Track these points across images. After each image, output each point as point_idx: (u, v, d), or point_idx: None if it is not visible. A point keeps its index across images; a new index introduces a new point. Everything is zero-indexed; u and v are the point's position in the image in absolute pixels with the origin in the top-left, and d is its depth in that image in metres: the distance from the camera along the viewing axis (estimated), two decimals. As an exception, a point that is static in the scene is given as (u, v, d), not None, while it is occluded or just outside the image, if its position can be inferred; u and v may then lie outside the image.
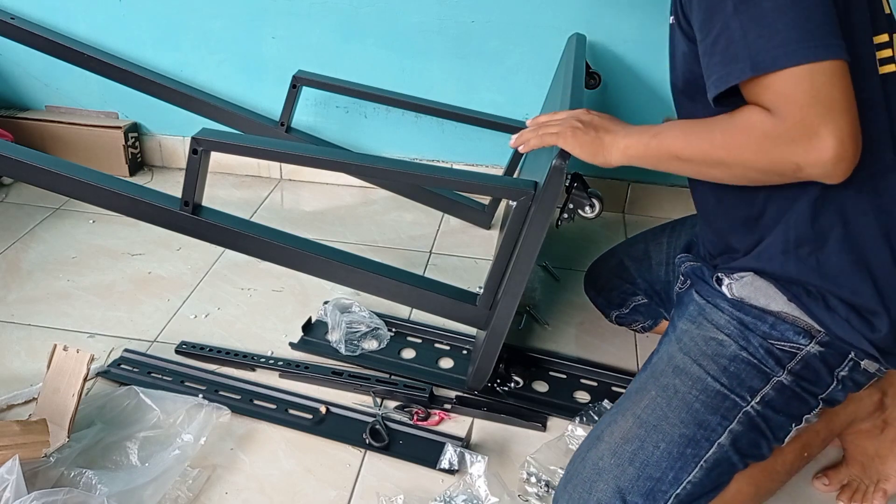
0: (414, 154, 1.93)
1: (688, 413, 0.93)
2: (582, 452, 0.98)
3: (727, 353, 0.96)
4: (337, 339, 1.36)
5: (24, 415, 1.16)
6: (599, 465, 0.94)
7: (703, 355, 0.97)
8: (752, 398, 0.94)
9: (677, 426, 0.93)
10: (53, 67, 1.89)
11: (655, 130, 0.93)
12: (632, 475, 0.92)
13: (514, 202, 1.07)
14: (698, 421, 0.93)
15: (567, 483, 0.96)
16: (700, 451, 0.92)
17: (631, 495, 0.91)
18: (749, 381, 0.94)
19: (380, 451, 1.15)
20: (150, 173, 2.01)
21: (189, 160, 1.13)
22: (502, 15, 1.71)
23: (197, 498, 1.06)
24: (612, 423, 0.98)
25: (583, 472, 0.95)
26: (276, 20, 1.80)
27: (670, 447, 0.92)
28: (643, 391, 0.98)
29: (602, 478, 0.93)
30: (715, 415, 0.93)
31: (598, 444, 0.96)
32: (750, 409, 0.94)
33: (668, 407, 0.95)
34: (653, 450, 0.92)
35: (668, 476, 0.91)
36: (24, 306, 1.45)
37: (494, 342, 1.15)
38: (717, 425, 0.93)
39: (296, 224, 1.79)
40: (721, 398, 0.94)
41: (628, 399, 0.99)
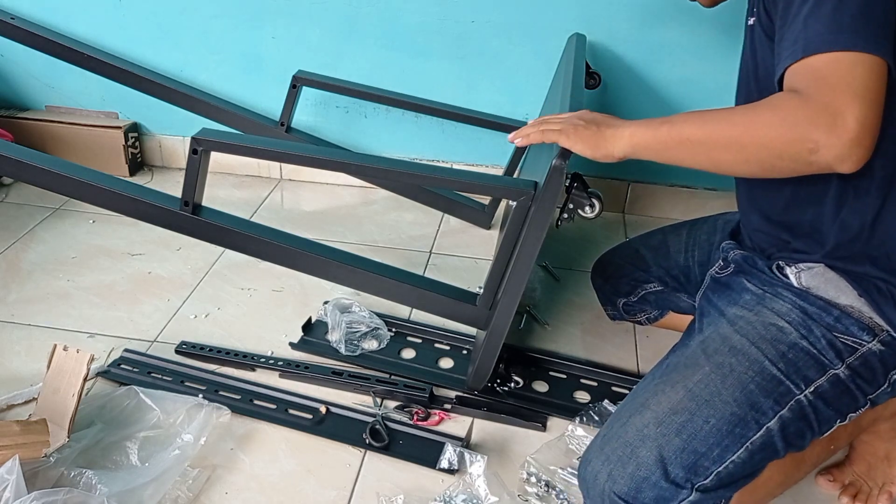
0: (414, 154, 1.93)
1: (742, 393, 0.92)
2: (622, 417, 0.96)
3: (787, 340, 0.95)
4: (337, 339, 1.36)
5: (24, 415, 1.16)
6: (644, 431, 0.92)
7: (762, 339, 0.96)
8: (806, 387, 0.93)
9: (729, 404, 0.92)
10: (53, 67, 1.89)
11: (665, 118, 0.93)
12: (677, 446, 0.90)
13: (514, 202, 1.07)
14: (751, 402, 0.92)
15: (604, 445, 0.94)
16: (748, 431, 0.91)
17: (673, 466, 0.89)
18: (806, 369, 0.94)
19: (380, 452, 1.15)
20: (150, 173, 2.01)
21: (189, 160, 1.13)
22: (502, 15, 1.71)
23: (197, 498, 1.06)
24: (658, 392, 0.96)
25: (624, 435, 0.93)
26: (276, 20, 1.80)
27: (720, 423, 0.91)
28: (695, 366, 0.97)
29: (645, 444, 0.91)
30: (768, 398, 0.92)
31: (642, 412, 0.94)
32: (803, 398, 0.93)
33: (722, 384, 0.93)
34: (702, 424, 0.91)
35: (714, 452, 0.90)
36: (24, 306, 1.45)
37: (494, 342, 1.15)
38: (768, 409, 0.92)
39: (296, 224, 1.79)
40: (776, 383, 0.93)
41: (676, 371, 0.98)
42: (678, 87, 1.72)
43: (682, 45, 1.67)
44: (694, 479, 0.89)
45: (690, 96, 1.72)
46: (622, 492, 0.89)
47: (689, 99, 1.72)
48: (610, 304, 1.41)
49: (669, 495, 0.89)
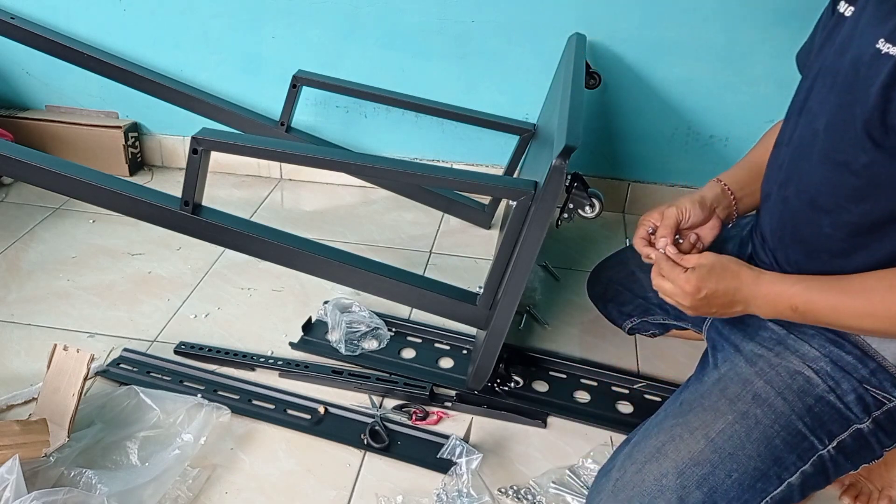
0: (414, 154, 1.93)
1: (766, 447, 0.91)
2: (636, 461, 0.93)
3: (814, 393, 0.92)
4: (337, 339, 1.36)
5: (24, 415, 1.16)
6: (663, 482, 0.90)
7: (788, 389, 0.93)
8: (830, 442, 0.92)
9: (753, 458, 0.90)
10: (53, 67, 1.89)
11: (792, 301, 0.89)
12: (697, 499, 0.89)
13: (514, 202, 1.07)
14: (775, 457, 0.90)
15: (618, 492, 0.92)
16: (769, 486, 0.90)
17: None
18: (830, 424, 0.92)
19: (379, 453, 1.15)
20: (150, 173, 2.01)
21: (189, 160, 1.13)
22: (502, 15, 1.71)
23: (197, 498, 1.06)
24: (676, 438, 0.93)
25: (640, 484, 0.91)
26: (276, 20, 1.80)
27: (742, 478, 0.89)
28: (716, 412, 0.94)
29: (664, 496, 0.89)
30: (792, 454, 0.91)
31: (659, 459, 0.92)
32: (825, 453, 0.92)
33: (746, 437, 0.91)
34: (724, 478, 0.89)
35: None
36: (24, 306, 1.45)
37: (494, 342, 1.15)
38: (791, 464, 0.91)
39: (296, 224, 1.79)
40: (801, 438, 0.91)
41: (693, 414, 0.95)
42: (678, 87, 1.72)
43: (682, 45, 1.67)
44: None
45: (690, 96, 1.72)
46: None
47: (689, 99, 1.72)
48: (613, 322, 1.38)
49: None
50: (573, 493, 1.08)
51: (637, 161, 1.85)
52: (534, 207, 1.04)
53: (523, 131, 1.70)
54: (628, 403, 1.27)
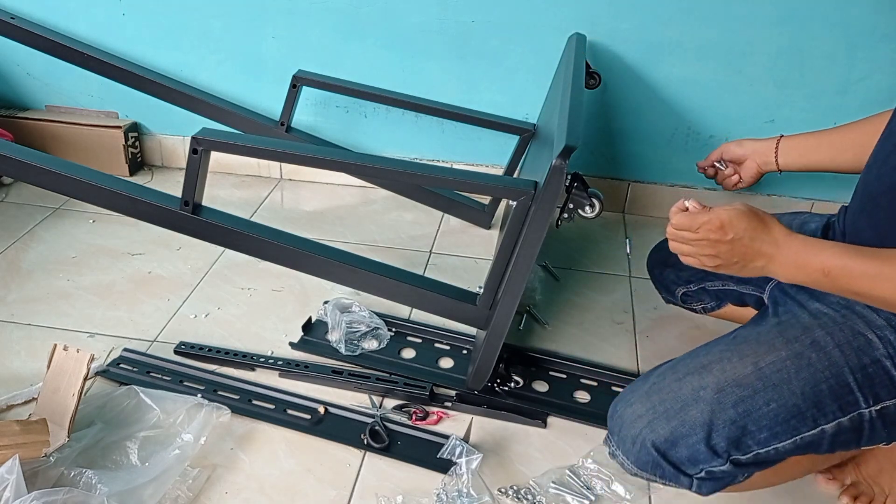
0: (414, 154, 1.93)
1: (812, 389, 0.92)
2: (678, 372, 0.96)
3: (872, 354, 0.93)
4: (337, 339, 1.36)
5: (24, 415, 1.16)
6: (700, 394, 0.93)
7: (847, 344, 0.94)
8: (874, 403, 0.93)
9: (796, 395, 0.92)
10: (53, 67, 1.89)
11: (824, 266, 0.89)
12: (729, 417, 0.91)
13: (514, 202, 1.07)
14: (817, 401, 0.92)
15: (652, 394, 0.95)
16: (802, 427, 0.92)
17: (718, 434, 0.90)
18: (879, 387, 0.93)
19: (379, 453, 1.15)
20: (150, 173, 2.01)
21: (189, 160, 1.14)
22: (502, 15, 1.71)
23: (197, 498, 1.06)
24: (724, 359, 0.96)
25: (678, 391, 0.94)
26: (276, 20, 1.80)
27: (779, 410, 0.91)
28: (770, 346, 0.96)
29: (698, 406, 0.92)
30: (834, 403, 0.92)
31: (703, 374, 0.94)
32: (866, 412, 0.93)
33: (795, 375, 0.93)
34: (762, 405, 0.91)
35: (762, 435, 0.91)
36: (24, 306, 1.45)
37: (494, 342, 1.15)
38: (830, 413, 0.92)
39: (296, 224, 1.79)
40: (848, 391, 0.92)
41: (747, 345, 0.97)
42: (678, 87, 1.72)
43: (682, 45, 1.67)
44: (732, 452, 0.90)
45: (690, 96, 1.72)
46: (658, 442, 0.92)
47: (689, 99, 1.72)
48: (666, 291, 1.39)
49: (703, 459, 0.91)
50: (573, 493, 1.08)
51: (637, 161, 1.85)
52: (534, 207, 1.04)
53: (523, 131, 1.70)
54: (628, 403, 1.27)
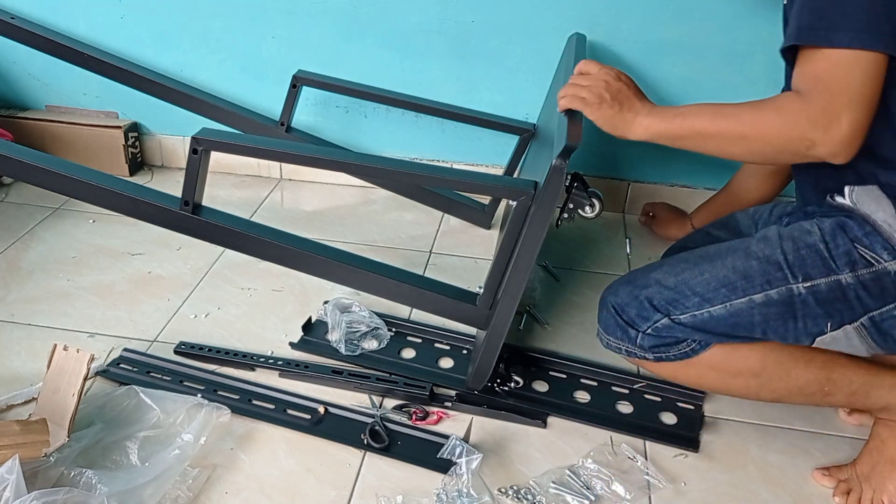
0: (414, 154, 1.93)
1: (742, 264, 1.06)
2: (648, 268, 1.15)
3: (808, 241, 1.05)
4: (337, 339, 1.36)
5: (24, 415, 1.16)
6: (654, 274, 1.11)
7: (788, 236, 1.07)
8: (803, 281, 1.03)
9: (727, 269, 1.06)
10: (53, 67, 1.89)
11: (678, 111, 1.04)
12: (670, 284, 1.08)
13: (514, 202, 1.07)
14: (746, 274, 1.05)
15: (623, 277, 1.16)
16: (732, 295, 1.05)
17: (658, 298, 1.08)
18: (811, 268, 1.03)
19: (379, 453, 1.15)
20: (150, 173, 2.01)
21: (189, 160, 1.14)
22: (502, 15, 1.71)
23: (197, 498, 1.06)
24: (683, 256, 1.14)
25: (639, 271, 1.15)
26: (276, 20, 1.80)
27: (711, 280, 1.06)
28: (722, 243, 1.14)
29: (647, 277, 1.11)
30: (762, 277, 1.04)
31: (662, 263, 1.14)
32: (794, 288, 1.03)
33: (730, 254, 1.08)
34: (698, 276, 1.07)
35: (695, 299, 1.06)
36: (24, 306, 1.45)
37: (494, 342, 1.15)
38: (758, 285, 1.04)
39: (296, 224, 1.79)
40: (776, 268, 1.04)
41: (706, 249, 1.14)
42: (678, 87, 1.72)
43: (682, 45, 1.67)
44: (671, 312, 1.07)
45: (690, 96, 1.72)
46: (617, 304, 1.11)
47: (688, 99, 1.72)
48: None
49: (647, 315, 1.08)
50: (573, 493, 1.08)
51: (637, 161, 1.85)
52: (534, 207, 1.04)
53: (523, 131, 1.70)
54: (628, 403, 1.27)
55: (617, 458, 1.15)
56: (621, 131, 1.06)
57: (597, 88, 1.06)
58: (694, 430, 1.21)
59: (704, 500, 1.10)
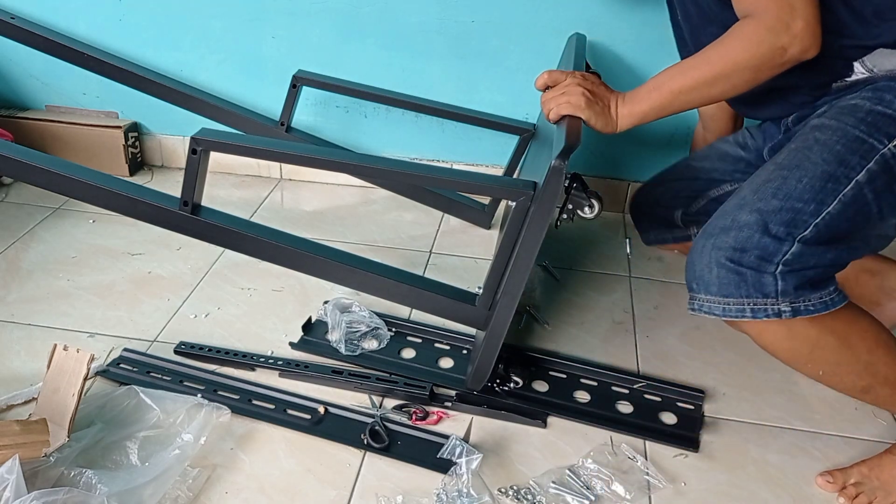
0: (414, 154, 1.93)
1: (830, 153, 1.03)
2: (721, 211, 1.05)
3: (864, 109, 1.06)
4: (337, 339, 1.36)
5: (24, 415, 1.16)
6: (741, 202, 1.02)
7: (841, 113, 1.07)
8: (889, 142, 1.03)
9: (819, 164, 1.02)
10: (53, 67, 1.89)
11: (650, 86, 1.09)
12: (775, 206, 1.00)
13: (514, 202, 1.07)
14: (840, 159, 1.02)
15: (706, 228, 1.04)
16: (840, 186, 1.00)
17: (773, 223, 0.98)
18: (886, 127, 1.03)
19: (379, 453, 1.15)
20: (150, 173, 2.01)
21: (188, 160, 1.13)
22: (502, 15, 1.71)
23: (197, 497, 1.06)
24: (748, 182, 1.08)
25: (724, 214, 1.03)
26: (276, 20, 1.80)
27: (813, 181, 1.01)
28: (780, 152, 1.09)
29: (744, 210, 1.01)
30: (854, 155, 1.02)
31: (737, 195, 1.06)
32: (887, 151, 1.02)
33: (809, 151, 1.04)
34: (795, 184, 1.01)
35: (810, 207, 0.99)
36: (24, 306, 1.45)
37: (493, 342, 1.15)
38: (856, 164, 1.02)
39: (296, 224, 1.79)
40: (860, 142, 1.03)
41: (762, 167, 1.10)
42: (678, 87, 1.72)
43: (681, 45, 1.66)
44: (795, 232, 0.98)
45: (690, 96, 1.72)
46: (728, 254, 0.98)
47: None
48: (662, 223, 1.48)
49: (774, 249, 0.97)
50: (573, 493, 1.08)
51: (637, 161, 1.85)
52: (533, 208, 1.04)
53: (523, 131, 1.70)
54: (628, 403, 1.27)
55: (617, 458, 1.16)
56: (611, 127, 1.10)
57: (577, 91, 1.09)
58: (694, 430, 1.21)
59: (704, 500, 1.10)
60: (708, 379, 1.33)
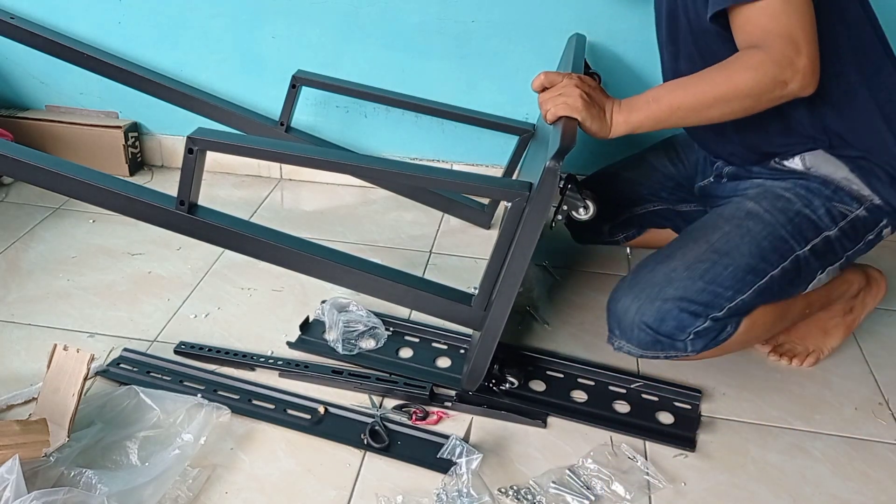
0: (414, 154, 1.93)
1: (756, 248, 1.17)
2: (648, 266, 1.20)
3: (793, 209, 1.19)
4: (334, 338, 1.36)
5: (24, 415, 1.17)
6: (672, 275, 1.16)
7: (773, 207, 1.20)
8: (806, 245, 1.18)
9: (745, 257, 1.16)
10: (53, 67, 1.89)
11: (649, 97, 1.10)
12: (699, 287, 1.14)
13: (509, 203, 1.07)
14: (763, 256, 1.16)
15: (633, 286, 1.18)
16: (757, 278, 1.16)
17: (693, 302, 1.14)
18: (806, 232, 1.18)
19: (379, 453, 1.15)
20: (150, 173, 2.01)
21: (184, 159, 1.13)
22: (502, 15, 1.71)
23: (197, 497, 1.06)
24: (683, 247, 1.20)
25: (652, 279, 1.17)
26: (276, 20, 1.80)
27: (736, 272, 1.15)
28: (716, 228, 1.21)
29: (673, 285, 1.15)
30: (775, 253, 1.17)
31: (669, 261, 1.18)
32: (801, 254, 1.18)
33: (740, 241, 1.17)
34: (721, 270, 1.15)
35: (728, 293, 1.15)
36: (24, 306, 1.45)
37: (489, 343, 1.15)
38: (774, 261, 1.17)
39: (296, 224, 1.79)
40: (783, 242, 1.17)
41: (697, 232, 1.23)
42: (678, 87, 1.71)
43: (681, 45, 1.66)
44: (709, 311, 1.14)
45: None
46: (649, 322, 1.14)
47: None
48: (591, 231, 1.54)
49: (689, 323, 1.14)
50: (573, 493, 1.08)
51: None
52: (528, 209, 1.04)
53: (523, 131, 1.70)
54: (625, 403, 1.27)
55: (617, 458, 1.16)
56: (605, 132, 1.10)
57: (575, 93, 1.10)
58: (691, 430, 1.21)
59: (704, 500, 1.10)
60: (708, 379, 1.33)
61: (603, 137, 1.11)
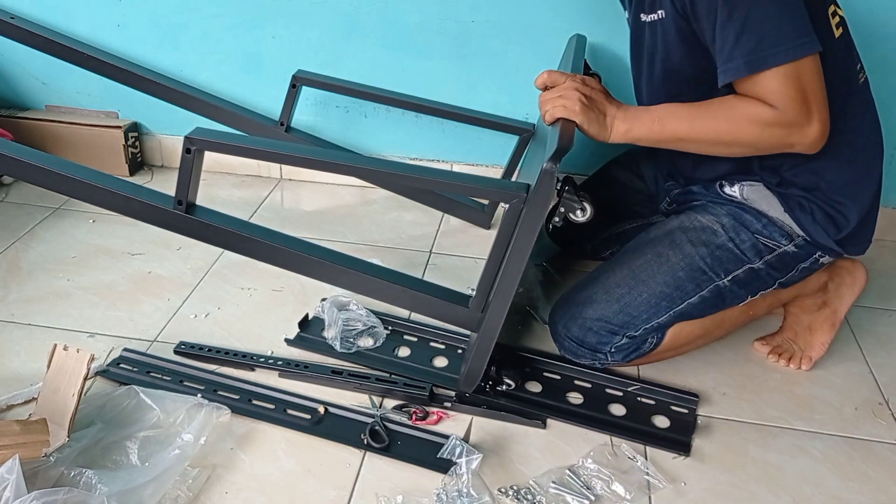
0: (414, 154, 1.93)
1: (672, 278, 1.23)
2: (581, 286, 1.30)
3: (717, 242, 1.24)
4: (333, 336, 1.36)
5: (24, 414, 1.17)
6: (593, 297, 1.26)
7: (698, 240, 1.24)
8: (725, 276, 1.23)
9: (660, 285, 1.23)
10: (53, 67, 1.89)
11: (654, 115, 1.12)
12: (615, 310, 1.24)
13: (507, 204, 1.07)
14: (678, 285, 1.23)
15: (563, 304, 1.30)
16: (672, 304, 1.23)
17: (610, 323, 1.24)
18: (728, 264, 1.23)
19: (379, 452, 1.15)
20: (150, 173, 2.01)
21: (182, 159, 1.13)
22: (502, 15, 1.71)
23: (197, 497, 1.06)
24: (608, 270, 1.29)
25: (578, 298, 1.28)
26: (276, 20, 1.80)
27: (650, 298, 1.23)
28: (640, 252, 1.28)
29: (592, 306, 1.26)
30: (691, 283, 1.23)
31: (594, 283, 1.28)
32: (721, 284, 1.24)
33: (657, 270, 1.24)
34: (636, 296, 1.24)
35: (643, 317, 1.24)
36: (24, 306, 1.45)
37: (486, 344, 1.15)
38: (691, 290, 1.23)
39: (295, 224, 1.79)
40: (701, 272, 1.23)
41: (626, 255, 1.30)
42: (678, 87, 1.72)
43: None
44: (626, 331, 1.24)
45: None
46: (573, 336, 1.27)
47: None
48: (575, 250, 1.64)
49: (607, 340, 1.25)
50: (573, 493, 1.08)
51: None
52: (525, 210, 1.03)
53: (523, 131, 1.70)
54: (621, 406, 1.27)
55: (617, 458, 1.16)
56: (603, 136, 1.12)
57: (574, 96, 1.10)
58: (686, 434, 1.21)
59: (704, 500, 1.10)
60: (708, 379, 1.33)
61: (602, 141, 1.11)
